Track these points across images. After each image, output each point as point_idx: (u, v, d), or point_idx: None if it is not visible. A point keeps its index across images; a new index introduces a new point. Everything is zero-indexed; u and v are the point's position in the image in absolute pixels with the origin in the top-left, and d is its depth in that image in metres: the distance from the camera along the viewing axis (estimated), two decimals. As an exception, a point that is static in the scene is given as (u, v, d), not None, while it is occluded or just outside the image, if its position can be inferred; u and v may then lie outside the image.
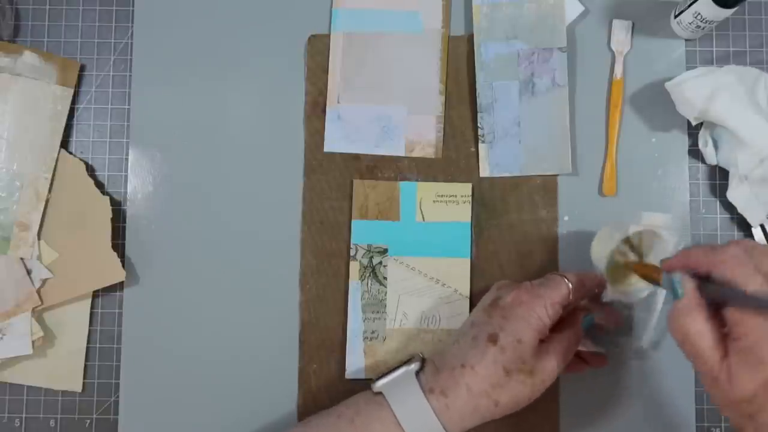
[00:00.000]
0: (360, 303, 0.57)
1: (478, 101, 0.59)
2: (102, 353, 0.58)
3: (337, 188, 0.59)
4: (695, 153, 0.59)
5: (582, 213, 0.59)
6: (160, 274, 0.58)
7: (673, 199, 0.59)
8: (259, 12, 0.60)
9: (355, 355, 0.57)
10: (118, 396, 0.57)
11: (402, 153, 0.59)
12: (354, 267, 0.58)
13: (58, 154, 0.58)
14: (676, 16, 0.58)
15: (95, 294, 0.58)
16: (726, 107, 0.54)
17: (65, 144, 0.59)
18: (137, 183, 0.59)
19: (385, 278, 0.58)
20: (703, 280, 0.42)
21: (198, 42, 0.60)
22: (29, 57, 0.59)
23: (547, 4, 0.59)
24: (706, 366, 0.41)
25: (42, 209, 0.57)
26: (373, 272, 0.58)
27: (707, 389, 0.42)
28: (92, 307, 0.58)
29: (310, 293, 0.58)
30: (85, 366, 0.58)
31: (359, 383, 0.56)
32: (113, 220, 0.57)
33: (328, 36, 0.60)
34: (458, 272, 0.58)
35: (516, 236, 0.58)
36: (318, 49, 0.60)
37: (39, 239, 0.57)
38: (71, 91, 0.59)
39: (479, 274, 0.58)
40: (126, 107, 0.60)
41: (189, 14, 0.60)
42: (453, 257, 0.58)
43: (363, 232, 0.58)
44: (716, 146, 0.57)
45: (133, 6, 0.60)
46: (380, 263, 0.58)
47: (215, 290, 0.58)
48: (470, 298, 0.57)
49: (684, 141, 0.59)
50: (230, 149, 0.59)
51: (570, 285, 0.50)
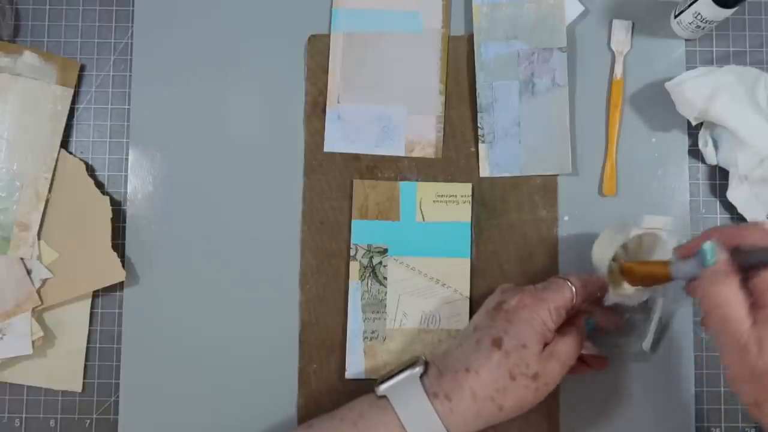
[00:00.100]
0: (360, 303, 0.57)
1: (478, 101, 0.59)
2: (102, 353, 0.58)
3: (337, 188, 0.59)
4: (695, 153, 0.59)
5: (582, 213, 0.59)
6: (160, 274, 0.58)
7: (673, 199, 0.59)
8: (259, 12, 0.60)
9: (355, 355, 0.57)
10: (118, 396, 0.57)
11: (402, 153, 0.59)
12: (354, 267, 0.58)
13: (58, 154, 0.58)
14: (676, 16, 0.58)
15: (95, 294, 0.58)
16: (726, 107, 0.54)
17: (65, 144, 0.59)
18: (137, 183, 0.59)
19: (385, 278, 0.58)
20: (733, 251, 0.42)
21: (198, 42, 0.60)
22: (29, 57, 0.59)
23: (547, 4, 0.59)
24: (736, 334, 0.40)
25: (42, 209, 0.57)
26: (373, 272, 0.58)
27: (729, 362, 0.41)
28: (92, 307, 0.58)
29: (310, 293, 0.58)
30: (85, 366, 0.58)
31: (359, 383, 0.56)
32: (113, 220, 0.57)
33: (328, 36, 0.60)
34: (458, 272, 0.58)
35: (516, 236, 0.58)
36: (318, 49, 0.60)
37: (39, 239, 0.57)
38: (71, 91, 0.59)
39: (479, 274, 0.58)
40: (126, 107, 0.60)
41: (189, 14, 0.60)
42: (453, 257, 0.58)
43: (363, 232, 0.58)
44: (716, 146, 0.57)
45: (133, 6, 0.60)
46: (380, 263, 0.58)
47: (215, 290, 0.58)
48: (470, 298, 0.57)
49: (684, 141, 0.59)
50: (230, 149, 0.59)
51: (574, 289, 0.50)
